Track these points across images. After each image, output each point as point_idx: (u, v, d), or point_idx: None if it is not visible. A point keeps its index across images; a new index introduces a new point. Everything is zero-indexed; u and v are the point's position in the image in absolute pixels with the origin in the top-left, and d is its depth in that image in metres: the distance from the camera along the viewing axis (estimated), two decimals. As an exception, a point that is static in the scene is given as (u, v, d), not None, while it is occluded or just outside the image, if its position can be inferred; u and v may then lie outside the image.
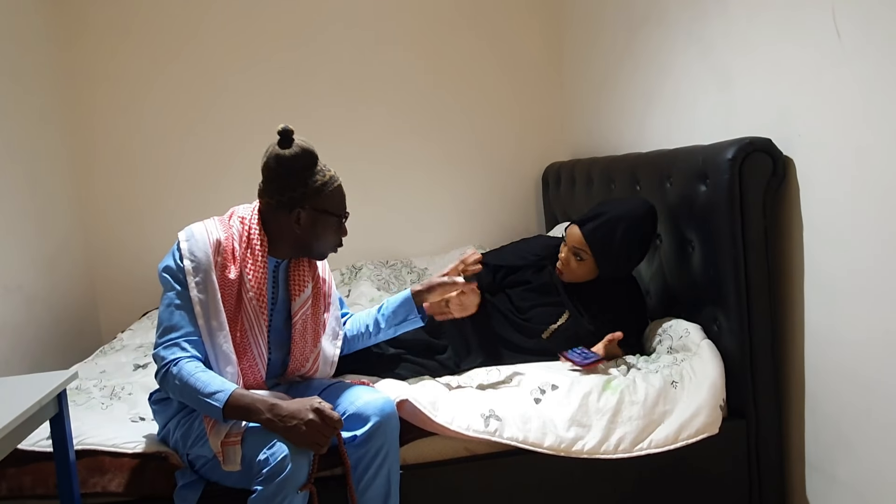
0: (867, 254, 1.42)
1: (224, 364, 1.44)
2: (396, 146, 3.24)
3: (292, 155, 1.47)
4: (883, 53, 1.33)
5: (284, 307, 1.57)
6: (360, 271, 3.07)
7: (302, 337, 1.57)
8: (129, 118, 3.06)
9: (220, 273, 1.46)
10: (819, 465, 1.64)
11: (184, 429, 1.47)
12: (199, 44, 3.07)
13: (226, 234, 1.49)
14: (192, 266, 1.44)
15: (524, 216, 3.38)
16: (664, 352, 1.82)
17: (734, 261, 1.65)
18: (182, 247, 1.46)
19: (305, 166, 1.48)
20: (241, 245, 1.49)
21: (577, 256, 1.86)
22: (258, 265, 1.49)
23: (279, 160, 1.47)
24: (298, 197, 1.47)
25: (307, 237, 1.51)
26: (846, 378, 1.51)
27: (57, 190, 2.83)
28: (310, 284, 1.59)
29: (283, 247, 1.53)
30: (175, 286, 1.45)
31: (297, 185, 1.47)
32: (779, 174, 1.62)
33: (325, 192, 1.49)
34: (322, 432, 1.31)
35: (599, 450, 1.58)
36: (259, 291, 1.49)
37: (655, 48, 2.26)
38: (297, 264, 1.58)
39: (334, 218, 1.52)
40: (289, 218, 1.49)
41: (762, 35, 1.69)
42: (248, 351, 1.49)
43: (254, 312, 1.48)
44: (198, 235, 1.47)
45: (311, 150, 1.50)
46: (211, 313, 1.44)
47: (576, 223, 1.88)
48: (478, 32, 3.24)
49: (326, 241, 1.54)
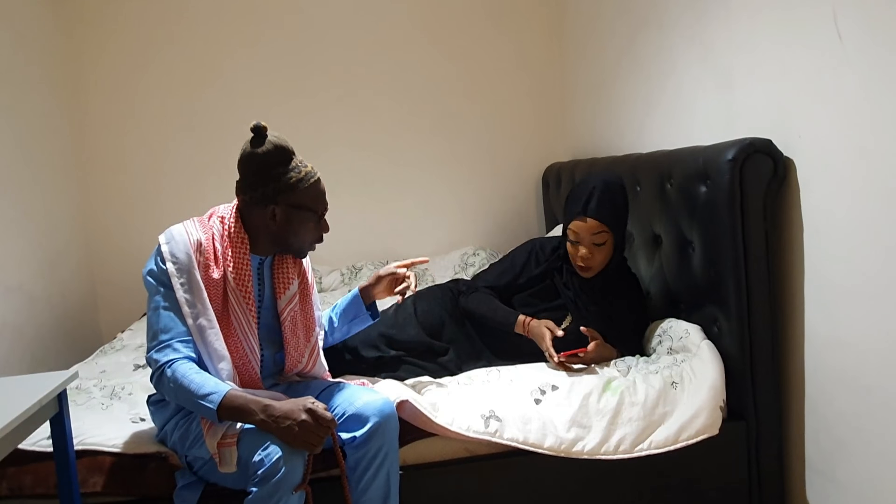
0: (867, 255, 1.42)
1: (217, 361, 1.44)
2: (397, 147, 3.24)
3: (265, 151, 1.47)
4: (884, 55, 1.33)
5: (272, 304, 1.58)
6: (359, 272, 3.08)
7: (293, 333, 1.58)
8: (129, 119, 3.06)
9: (203, 273, 1.46)
10: (819, 466, 1.64)
11: (182, 430, 1.47)
12: (200, 45, 3.07)
13: (206, 235, 1.50)
14: (175, 267, 1.44)
15: (524, 217, 3.38)
16: (664, 353, 1.82)
17: (734, 261, 1.65)
18: (163, 249, 1.46)
19: (279, 162, 1.48)
20: (223, 244, 1.50)
21: (597, 244, 1.82)
22: (241, 263, 1.49)
23: (252, 157, 1.48)
24: (271, 193, 1.47)
25: (284, 233, 1.51)
26: (846, 380, 1.51)
27: (58, 190, 2.83)
28: (296, 281, 1.59)
29: (262, 243, 1.54)
30: (160, 289, 1.45)
31: (270, 181, 1.47)
32: (779, 175, 1.62)
33: (300, 188, 1.49)
34: (315, 432, 1.31)
35: (599, 451, 1.58)
36: (244, 289, 1.49)
37: (656, 49, 2.26)
38: (282, 261, 1.59)
39: (310, 213, 1.51)
40: (264, 214, 1.49)
41: (763, 36, 1.69)
42: (239, 349, 1.49)
43: (241, 310, 1.49)
44: (178, 237, 1.47)
45: (284, 146, 1.49)
46: (199, 312, 1.44)
47: (576, 218, 1.82)
48: (479, 34, 3.24)
49: (304, 237, 1.54)
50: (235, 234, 1.51)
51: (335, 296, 2.88)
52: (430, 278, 3.07)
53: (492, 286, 1.99)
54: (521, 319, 1.85)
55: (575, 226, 1.83)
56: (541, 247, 2.02)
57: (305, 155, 1.54)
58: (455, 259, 3.14)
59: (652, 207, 1.99)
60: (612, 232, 1.81)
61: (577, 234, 1.83)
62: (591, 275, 1.87)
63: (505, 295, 1.97)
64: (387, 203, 3.26)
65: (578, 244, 1.84)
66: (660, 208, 1.95)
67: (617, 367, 1.78)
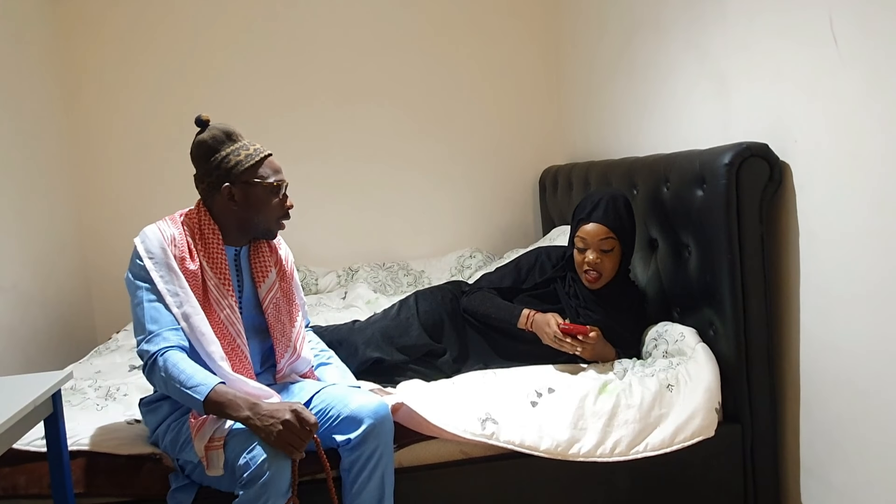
0: (862, 259, 1.43)
1: (208, 344, 1.45)
2: (394, 149, 3.25)
3: (209, 137, 1.52)
4: (879, 60, 1.34)
5: (253, 294, 1.59)
6: (356, 273, 3.07)
7: (277, 319, 1.59)
8: (125, 121, 3.06)
9: (180, 265, 1.48)
10: (814, 469, 1.64)
11: (173, 434, 1.47)
12: (196, 48, 3.07)
13: (179, 231, 1.52)
14: (153, 262, 1.47)
15: (521, 219, 3.38)
16: (660, 356, 1.82)
17: (730, 265, 1.66)
18: (139, 248, 1.49)
19: (223, 146, 1.52)
20: (195, 238, 1.52)
21: (605, 251, 1.83)
22: (215, 252, 1.52)
23: (198, 145, 1.53)
24: (223, 174, 1.51)
25: (246, 213, 1.53)
26: (841, 382, 1.52)
27: (52, 189, 2.82)
28: (273, 269, 1.61)
29: (232, 232, 1.56)
30: (142, 285, 1.46)
31: (220, 163, 1.51)
32: (775, 179, 1.63)
33: (249, 165, 1.51)
34: (297, 434, 1.31)
35: (596, 453, 1.59)
36: (222, 276, 1.51)
37: (652, 53, 2.27)
38: (257, 250, 1.60)
39: (266, 186, 1.53)
40: (222, 198, 1.52)
41: (759, 40, 1.70)
42: (226, 335, 1.49)
43: (221, 296, 1.50)
44: (150, 234, 1.50)
45: (227, 130, 1.54)
46: (183, 299, 1.45)
47: (583, 223, 1.84)
48: (475, 37, 3.25)
49: (268, 214, 1.55)
50: (206, 226, 1.53)
51: (332, 297, 2.88)
52: (426, 280, 3.07)
53: (495, 287, 2.00)
54: (526, 313, 1.86)
55: (583, 231, 1.84)
56: (547, 255, 2.03)
57: (304, 159, 1.56)
58: (452, 261, 3.15)
59: (648, 211, 2.00)
60: (619, 240, 1.83)
61: (584, 241, 1.84)
62: (598, 286, 1.86)
63: (507, 297, 1.98)
64: (383, 205, 3.26)
65: (586, 250, 1.84)
66: (656, 212, 1.95)
67: (613, 369, 1.78)
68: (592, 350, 1.78)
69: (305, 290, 3.04)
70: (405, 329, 1.93)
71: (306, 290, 3.04)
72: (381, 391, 1.67)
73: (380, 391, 1.66)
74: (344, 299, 2.84)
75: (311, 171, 3.14)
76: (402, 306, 2.02)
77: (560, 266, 1.97)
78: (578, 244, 1.86)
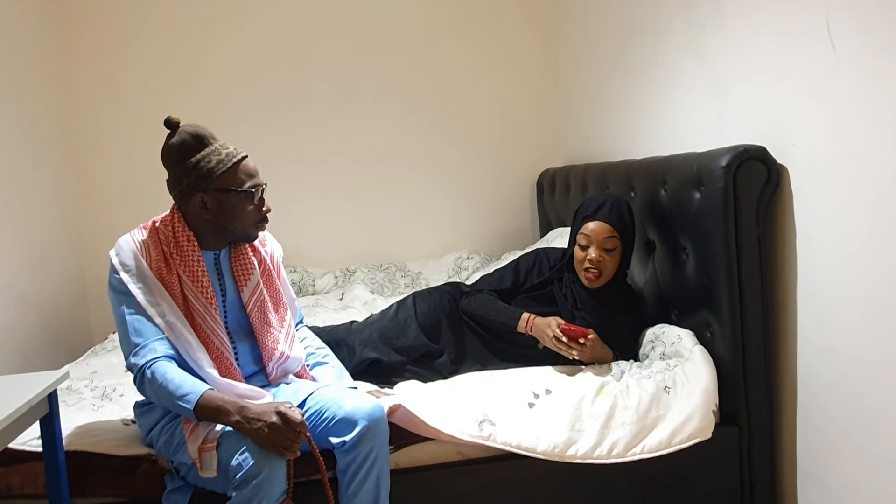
0: (860, 262, 1.43)
1: (195, 351, 1.44)
2: (391, 150, 3.24)
3: (179, 142, 1.46)
4: (876, 63, 1.34)
5: (236, 297, 1.56)
6: (353, 274, 3.07)
7: (262, 322, 1.56)
8: (120, 120, 3.05)
9: (157, 274, 1.46)
10: (810, 471, 1.64)
11: (167, 436, 1.47)
12: (194, 48, 3.07)
13: (153, 239, 1.49)
14: (129, 275, 1.45)
15: (519, 221, 3.39)
16: (657, 358, 1.82)
17: (727, 267, 1.66)
18: (114, 262, 1.47)
19: (195, 150, 1.46)
20: (169, 246, 1.49)
21: (607, 250, 1.83)
22: (191, 259, 1.48)
23: (167, 151, 1.48)
24: (195, 182, 1.45)
25: (220, 220, 1.49)
26: (838, 385, 1.52)
27: (47, 189, 2.81)
28: (256, 270, 1.57)
29: (207, 237, 1.52)
30: (122, 298, 1.45)
31: (191, 170, 1.45)
32: (773, 182, 1.63)
33: (221, 171, 1.45)
34: (285, 435, 1.30)
35: (593, 454, 1.59)
36: (200, 284, 1.48)
37: (650, 56, 2.28)
38: (238, 253, 1.56)
39: (241, 194, 1.48)
40: (195, 205, 1.47)
41: (757, 43, 1.71)
42: (210, 344, 1.48)
43: (202, 306, 1.47)
44: (124, 245, 1.48)
45: (198, 134, 1.47)
46: (164, 310, 1.44)
47: (587, 220, 1.84)
48: (473, 38, 3.25)
49: (243, 220, 1.50)
50: (180, 233, 1.49)
51: (329, 298, 2.88)
52: (424, 282, 3.07)
53: (494, 290, 1.99)
54: (526, 317, 1.86)
55: (587, 228, 1.84)
56: (546, 256, 2.04)
57: (301, 159, 1.54)
58: (449, 263, 3.15)
59: (646, 213, 2.00)
60: (622, 241, 1.83)
61: (588, 238, 1.84)
62: (598, 285, 1.87)
63: (506, 299, 1.98)
64: (381, 206, 3.26)
65: (588, 247, 1.84)
66: (654, 214, 1.95)
67: (610, 371, 1.79)
68: (591, 352, 1.78)
69: (303, 290, 3.03)
70: (403, 330, 1.93)
71: (304, 290, 3.04)
72: (379, 392, 1.66)
73: (378, 392, 1.66)
74: (341, 300, 2.83)
75: (308, 171, 3.14)
76: (400, 307, 2.02)
77: (558, 267, 1.97)
78: (581, 241, 1.86)
